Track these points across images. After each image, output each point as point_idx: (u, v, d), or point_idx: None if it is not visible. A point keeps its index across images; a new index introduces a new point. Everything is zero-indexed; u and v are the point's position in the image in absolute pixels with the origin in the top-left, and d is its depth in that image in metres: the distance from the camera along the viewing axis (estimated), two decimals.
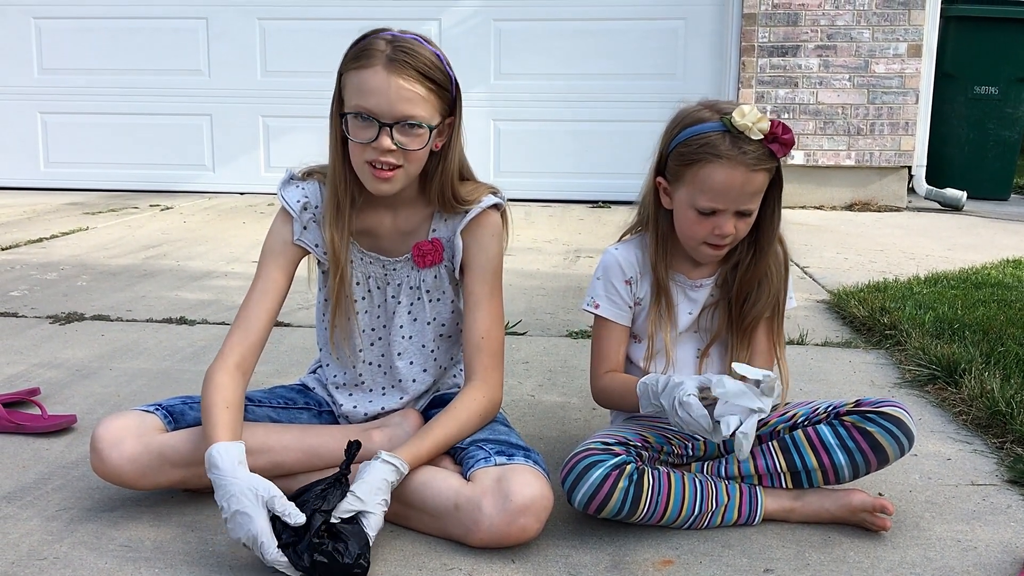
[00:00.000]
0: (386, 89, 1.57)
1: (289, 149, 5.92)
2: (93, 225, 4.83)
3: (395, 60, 1.58)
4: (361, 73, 1.59)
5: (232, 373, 1.64)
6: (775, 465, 1.64)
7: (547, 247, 4.29)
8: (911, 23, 5.41)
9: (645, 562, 1.52)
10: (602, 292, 1.76)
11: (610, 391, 1.75)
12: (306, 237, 1.73)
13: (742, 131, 1.58)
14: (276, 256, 1.73)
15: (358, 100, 1.59)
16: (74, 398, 2.28)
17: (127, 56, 5.97)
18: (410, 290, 1.78)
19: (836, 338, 2.85)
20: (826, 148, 5.52)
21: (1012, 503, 1.74)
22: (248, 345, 1.68)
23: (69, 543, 1.56)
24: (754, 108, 1.60)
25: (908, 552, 1.55)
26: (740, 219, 1.65)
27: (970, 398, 2.19)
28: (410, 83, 1.58)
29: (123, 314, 3.08)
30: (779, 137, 1.59)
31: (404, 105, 1.58)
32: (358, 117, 1.59)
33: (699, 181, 1.63)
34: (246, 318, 1.70)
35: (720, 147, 1.59)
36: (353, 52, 1.63)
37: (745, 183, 1.60)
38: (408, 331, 1.79)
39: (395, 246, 1.77)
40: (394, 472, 1.51)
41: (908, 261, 4.04)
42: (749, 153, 1.58)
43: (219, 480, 1.47)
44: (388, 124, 1.59)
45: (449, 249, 1.77)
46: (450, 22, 5.70)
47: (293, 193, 1.74)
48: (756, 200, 1.64)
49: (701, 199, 1.63)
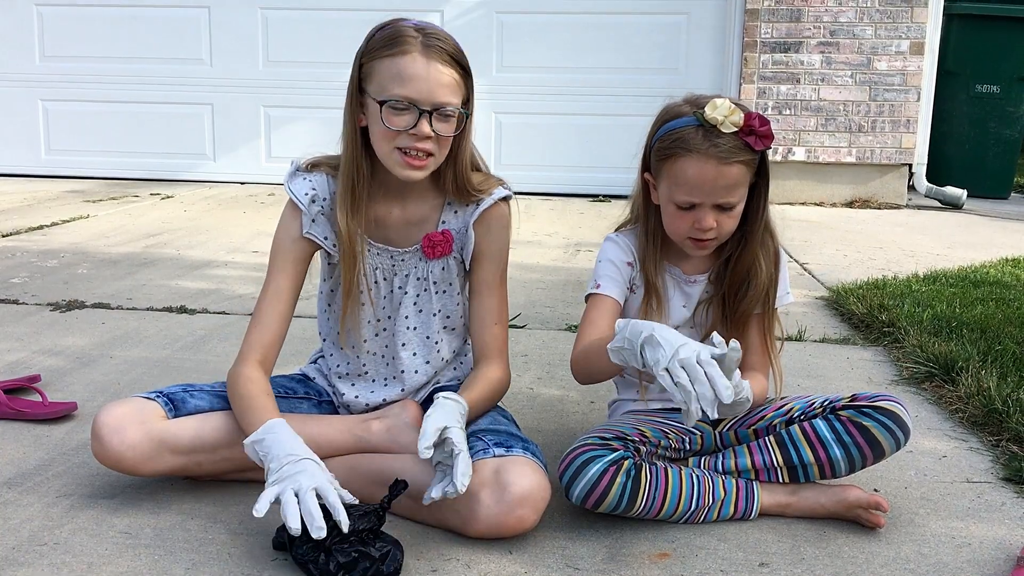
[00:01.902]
0: (425, 76, 1.58)
1: (290, 139, 5.92)
2: (94, 213, 4.83)
3: (430, 46, 1.59)
4: (397, 60, 1.59)
5: (257, 368, 1.66)
6: (772, 460, 1.65)
7: (547, 240, 4.30)
8: (913, 20, 5.40)
9: (641, 555, 1.53)
10: (603, 272, 1.75)
11: (587, 349, 1.65)
12: (315, 230, 1.73)
13: (714, 124, 1.59)
14: (286, 253, 1.73)
15: (396, 87, 1.59)
16: (74, 385, 2.29)
17: (129, 44, 5.96)
18: (417, 281, 1.78)
19: (834, 335, 2.86)
20: (827, 145, 5.52)
21: (1006, 500, 1.75)
22: (267, 344, 1.70)
23: (69, 529, 1.57)
24: (727, 101, 1.60)
25: (903, 548, 1.57)
26: (721, 213, 1.65)
27: (966, 396, 2.20)
28: (447, 68, 1.60)
29: (123, 302, 3.08)
30: (755, 130, 1.59)
31: (442, 91, 1.60)
32: (394, 104, 1.59)
33: (674, 175, 1.63)
34: (262, 319, 1.71)
35: (692, 141, 1.60)
36: (381, 39, 1.62)
37: (718, 176, 1.60)
38: (413, 322, 1.80)
39: (402, 237, 1.77)
40: (459, 413, 1.55)
41: (907, 259, 4.04)
42: (721, 146, 1.59)
43: (284, 452, 1.47)
44: (427, 111, 1.59)
45: (459, 240, 1.77)
46: (452, 14, 5.70)
47: (301, 186, 1.74)
48: (735, 193, 1.64)
49: (678, 193, 1.64)
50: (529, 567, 1.48)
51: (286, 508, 1.39)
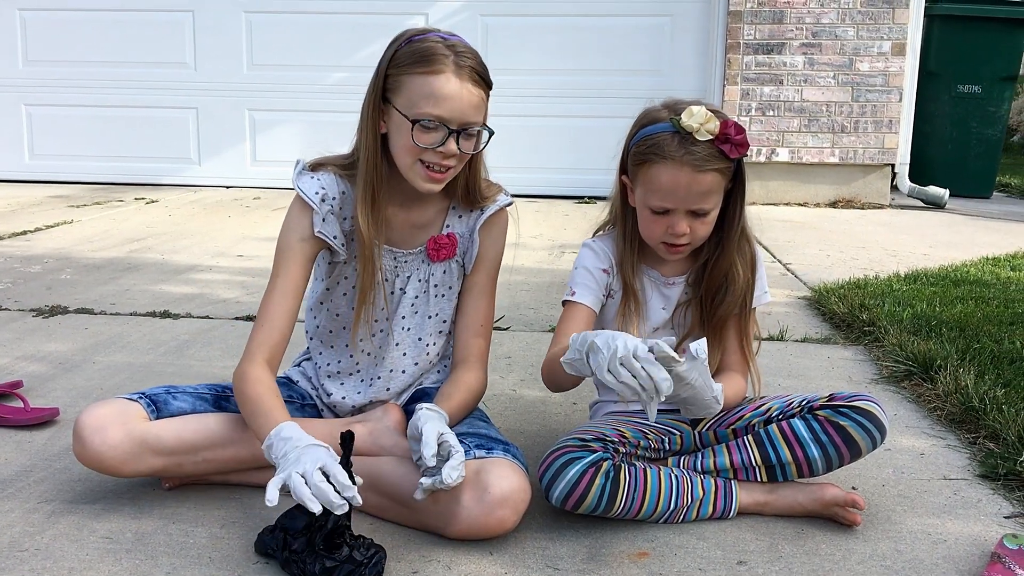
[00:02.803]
0: (458, 97, 1.61)
1: (275, 143, 5.92)
2: (78, 218, 4.82)
3: (462, 67, 1.62)
4: (431, 80, 1.60)
5: (264, 368, 1.65)
6: (750, 459, 1.67)
7: (532, 242, 4.31)
8: (895, 21, 5.45)
9: (621, 554, 1.54)
10: (578, 279, 1.77)
11: (552, 359, 1.67)
12: (325, 229, 1.72)
13: (690, 132, 1.60)
14: (296, 252, 1.72)
15: (429, 107, 1.60)
16: (57, 391, 2.29)
17: (113, 48, 5.95)
18: (418, 283, 1.80)
19: (816, 334, 2.88)
20: (810, 145, 5.55)
21: (982, 497, 1.77)
22: (274, 343, 1.68)
23: (50, 535, 1.57)
24: (703, 109, 1.61)
25: (879, 545, 1.58)
26: (695, 219, 1.66)
27: (945, 394, 2.22)
28: (476, 89, 1.64)
29: (107, 307, 3.08)
30: (731, 138, 1.61)
31: (472, 112, 1.63)
32: (426, 124, 1.61)
33: (649, 181, 1.65)
34: (270, 317, 1.69)
35: (667, 148, 1.62)
36: (412, 54, 1.62)
37: (691, 183, 1.62)
38: (408, 323, 1.82)
39: (405, 239, 1.79)
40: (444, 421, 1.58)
41: (889, 258, 4.07)
42: (696, 154, 1.60)
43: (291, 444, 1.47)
44: (456, 131, 1.62)
45: (463, 245, 1.80)
46: (437, 16, 5.70)
47: (310, 184, 1.73)
48: (709, 200, 1.65)
49: (652, 198, 1.66)
50: (510, 568, 1.49)
51: (299, 492, 1.37)
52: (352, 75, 5.52)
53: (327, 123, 5.00)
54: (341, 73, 5.71)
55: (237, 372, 1.66)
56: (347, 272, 1.79)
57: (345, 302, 1.81)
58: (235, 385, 1.66)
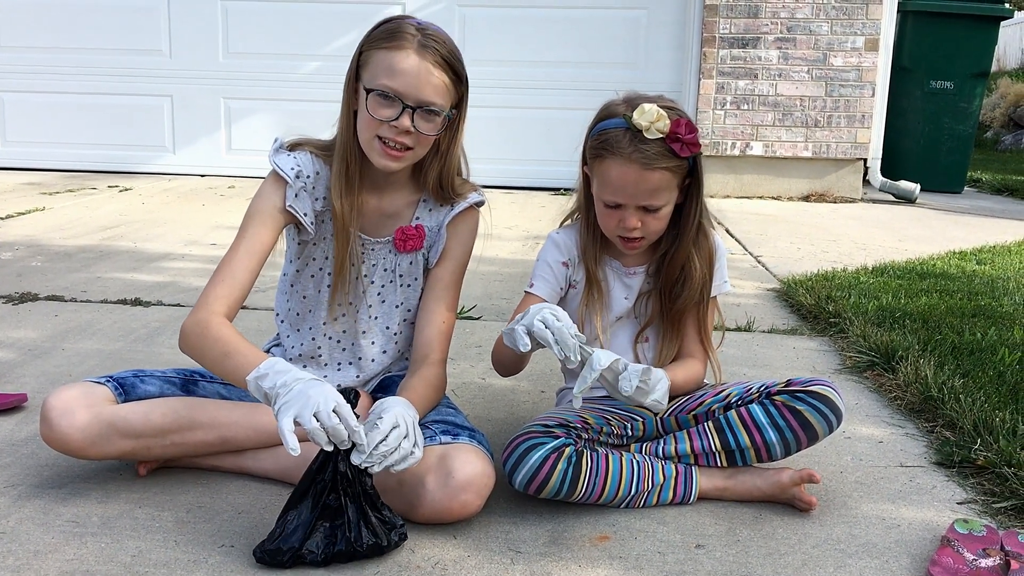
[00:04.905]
0: (415, 72, 1.63)
1: (251, 131, 5.89)
2: (50, 205, 4.79)
3: (426, 46, 1.64)
4: (392, 54, 1.63)
5: (224, 319, 1.62)
6: (710, 444, 1.70)
7: (507, 233, 4.33)
8: (869, 17, 5.50)
9: (583, 538, 1.57)
10: (538, 272, 1.81)
11: (497, 341, 1.70)
12: (296, 204, 1.73)
13: (640, 130, 1.63)
14: (265, 218, 1.71)
15: (386, 79, 1.63)
16: (25, 377, 2.29)
17: (87, 35, 5.91)
18: (384, 272, 1.82)
19: (782, 325, 2.92)
20: (784, 139, 5.60)
21: (937, 484, 1.81)
22: (234, 299, 1.65)
23: (16, 519, 1.58)
24: (655, 107, 1.63)
25: (834, 529, 1.62)
26: (646, 214, 1.69)
27: (905, 384, 2.26)
28: (437, 70, 1.64)
29: (77, 295, 3.07)
30: (681, 137, 1.63)
31: (429, 90, 1.64)
32: (382, 95, 1.63)
33: (601, 174, 1.69)
34: (231, 273, 1.66)
35: (617, 144, 1.65)
36: (382, 32, 1.67)
37: (639, 180, 1.65)
38: (376, 311, 1.84)
39: (375, 227, 1.81)
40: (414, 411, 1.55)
41: (859, 251, 4.13)
42: (645, 152, 1.63)
43: (284, 376, 1.45)
44: (411, 107, 1.64)
45: (430, 238, 1.82)
46: (414, 7, 5.70)
47: (286, 161, 1.74)
48: (659, 197, 1.68)
49: (604, 192, 1.69)
50: (473, 551, 1.51)
51: (315, 436, 1.38)
52: (328, 64, 5.52)
53: (303, 112, 5.01)
54: (317, 62, 5.70)
55: (192, 321, 1.61)
56: (315, 254, 1.80)
57: (312, 284, 1.82)
58: (193, 333, 1.60)
